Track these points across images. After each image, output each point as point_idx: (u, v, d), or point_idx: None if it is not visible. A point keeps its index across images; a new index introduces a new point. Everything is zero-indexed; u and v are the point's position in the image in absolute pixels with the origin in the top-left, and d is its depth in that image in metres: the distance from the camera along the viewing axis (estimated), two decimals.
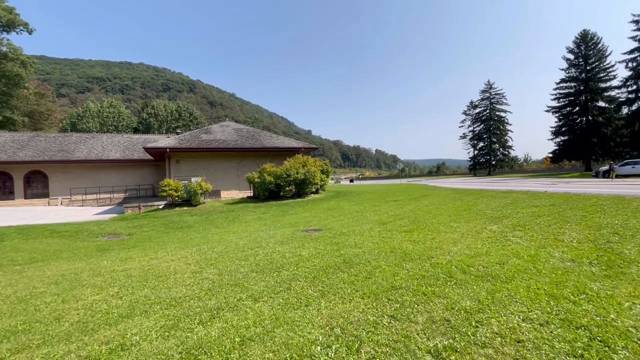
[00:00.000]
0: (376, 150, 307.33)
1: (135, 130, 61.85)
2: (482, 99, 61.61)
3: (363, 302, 3.40)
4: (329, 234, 7.60)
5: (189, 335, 2.91)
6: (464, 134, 65.22)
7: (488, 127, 60.35)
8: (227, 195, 21.39)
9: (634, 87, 36.27)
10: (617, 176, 23.35)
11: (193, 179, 18.37)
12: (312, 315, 3.17)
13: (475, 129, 62.99)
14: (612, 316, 2.70)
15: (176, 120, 69.00)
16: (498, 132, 59.87)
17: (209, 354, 2.58)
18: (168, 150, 19.44)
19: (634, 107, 36.87)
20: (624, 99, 38.19)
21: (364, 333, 2.76)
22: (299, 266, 4.96)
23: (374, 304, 3.33)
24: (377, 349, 2.52)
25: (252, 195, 20.46)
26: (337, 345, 2.59)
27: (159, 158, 23.69)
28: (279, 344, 2.66)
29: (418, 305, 3.23)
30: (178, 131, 33.37)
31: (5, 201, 23.35)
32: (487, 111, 60.77)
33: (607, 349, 2.29)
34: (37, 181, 24.52)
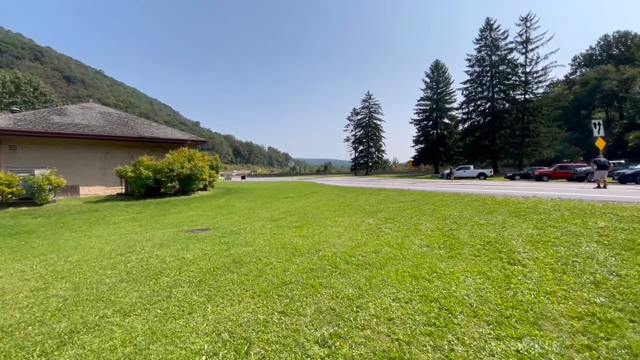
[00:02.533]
0: (269, 148, 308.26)
1: None
2: (363, 107, 69.41)
3: (253, 302, 3.33)
4: (217, 233, 7.17)
5: None
6: (347, 137, 72.08)
7: (367, 132, 68.45)
8: (89, 192, 17.69)
9: (466, 109, 47.37)
10: (455, 178, 30.17)
11: (37, 172, 14.41)
12: (197, 323, 2.91)
13: (356, 134, 70.42)
14: (453, 288, 3.42)
15: (11, 94, 53.03)
16: (375, 137, 68.65)
17: None
18: None
19: (466, 125, 48.12)
20: (460, 119, 49.49)
21: (254, 333, 2.70)
22: (182, 270, 4.50)
23: (265, 302, 3.30)
24: (267, 347, 2.50)
25: (123, 192, 17.50)
26: (225, 351, 2.45)
27: None
28: None
29: (307, 298, 3.37)
30: (14, 109, 25.51)
31: None
32: (367, 118, 68.82)
33: (450, 315, 2.87)
34: None
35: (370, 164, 68.97)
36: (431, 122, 54.40)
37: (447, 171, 32.42)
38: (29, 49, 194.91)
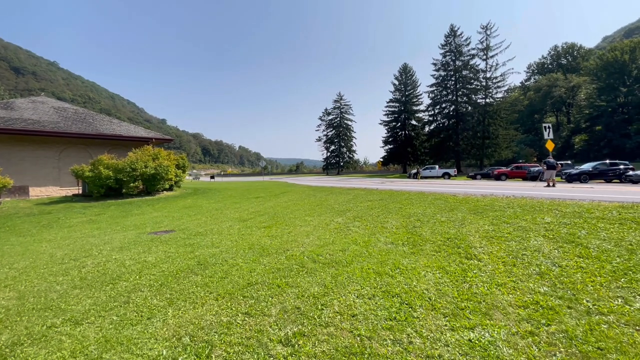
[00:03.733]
0: (240, 147, 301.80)
1: None
2: (335, 108, 70.05)
3: (217, 304, 3.26)
4: (182, 235, 6.93)
5: None
6: (319, 137, 72.46)
7: (338, 132, 69.19)
8: (40, 193, 16.36)
9: (432, 112, 49.36)
10: (422, 177, 31.38)
11: None
12: (156, 328, 2.81)
13: (328, 134, 70.98)
14: (414, 283, 3.56)
15: None
16: (346, 137, 69.56)
17: None
18: None
19: (432, 127, 50.14)
20: (426, 120, 51.48)
21: (216, 336, 2.65)
22: (143, 274, 4.31)
23: (229, 304, 3.25)
24: (229, 349, 2.46)
25: (80, 192, 16.39)
26: (185, 356, 2.39)
27: None
28: None
29: (272, 297, 3.36)
30: None
31: None
32: (338, 119, 69.54)
33: (410, 309, 3.00)
34: None
35: (342, 163, 69.79)
36: (399, 124, 56.03)
37: (414, 171, 33.68)
38: None
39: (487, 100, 42.82)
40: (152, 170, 15.66)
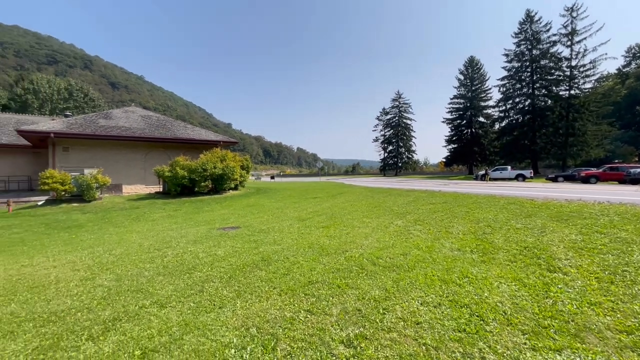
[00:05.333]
0: (298, 148, 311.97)
1: (5, 108, 49.68)
2: (393, 107, 68.11)
3: (280, 299, 3.40)
4: (247, 232, 7.38)
5: (74, 355, 2.47)
6: (376, 137, 71.07)
7: (397, 132, 67.10)
8: (130, 190, 18.91)
9: (503, 107, 44.93)
10: (490, 179, 28.74)
11: (86, 171, 15.66)
12: (227, 317, 3.02)
13: (386, 134, 69.26)
14: (485, 294, 3.27)
15: (65, 100, 58.05)
16: (405, 137, 67.12)
17: None
18: (52, 135, 16.15)
19: (503, 124, 45.67)
20: (496, 117, 47.03)
21: (280, 330, 2.76)
22: (214, 266, 4.69)
23: (291, 300, 3.36)
24: (292, 344, 2.54)
25: (161, 190, 18.53)
26: (253, 346, 2.53)
27: (40, 144, 19.56)
28: (188, 352, 2.46)
29: (333, 297, 3.38)
30: (68, 113, 27.96)
31: None
32: (397, 118, 67.45)
33: (482, 322, 2.76)
34: None
35: (400, 164, 67.56)
36: (465, 121, 52.18)
37: (482, 172, 30.94)
38: (80, 58, 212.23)
39: (572, 91, 37.57)
40: (220, 171, 17.01)
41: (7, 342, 2.71)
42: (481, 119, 51.27)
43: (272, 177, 67.59)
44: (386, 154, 69.17)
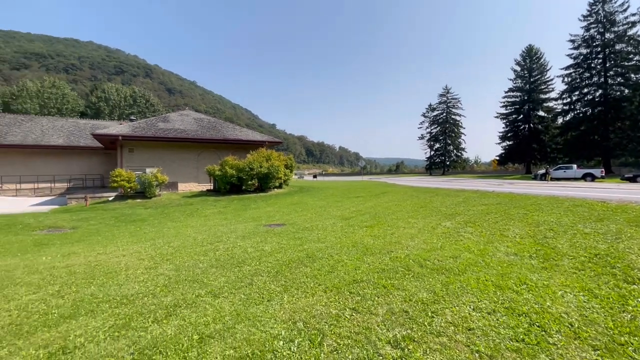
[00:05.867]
0: (340, 147, 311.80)
1: (83, 115, 56.54)
2: (440, 103, 64.98)
3: (326, 296, 3.44)
4: (292, 229, 7.57)
5: (142, 335, 2.74)
6: (422, 135, 68.35)
7: (444, 129, 63.93)
8: (185, 187, 20.41)
9: (568, 99, 40.54)
10: (552, 179, 26.11)
11: (148, 170, 17.24)
12: (275, 310, 3.14)
13: (432, 131, 66.32)
14: (547, 304, 3.00)
15: (130, 106, 64.32)
16: (453, 134, 63.69)
17: (164, 353, 2.45)
18: (120, 138, 18.04)
19: (567, 118, 41.25)
20: (559, 110, 42.62)
21: (327, 326, 2.79)
22: (262, 261, 4.89)
23: (337, 298, 3.38)
24: (339, 341, 2.56)
25: (212, 188, 19.73)
26: (300, 339, 2.60)
27: (110, 146, 21.92)
28: (240, 340, 2.60)
29: (378, 297, 3.34)
30: (132, 118, 31.09)
31: None
32: (444, 114, 64.26)
33: (544, 333, 2.54)
34: None
35: (448, 163, 64.33)
36: (522, 116, 47.97)
37: (542, 171, 28.24)
38: (142, 67, 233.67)
39: None
40: (265, 170, 17.64)
41: (89, 319, 3.09)
42: (541, 112, 46.74)
43: (315, 176, 68.45)
44: (432, 152, 66.30)
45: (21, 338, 2.78)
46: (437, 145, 65.53)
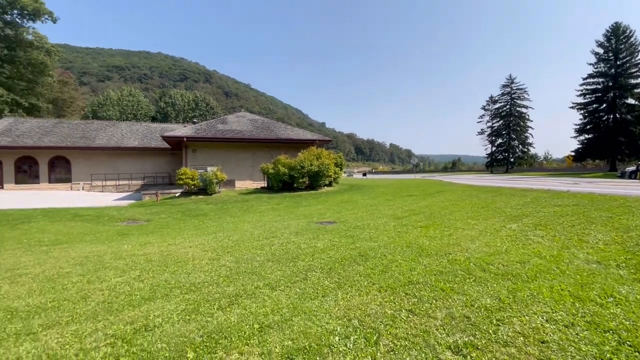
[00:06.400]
0: (390, 145, 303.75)
1: (153, 119, 63.10)
2: (503, 94, 59.64)
3: (380, 296, 3.39)
4: (343, 227, 7.60)
5: (209, 320, 2.98)
6: (482, 129, 63.45)
7: (507, 123, 58.52)
8: (241, 185, 21.64)
9: None
10: None
11: (209, 168, 18.65)
12: (330, 306, 3.18)
13: (494, 125, 61.19)
14: None
15: (193, 109, 69.97)
16: (518, 128, 58.02)
17: (229, 338, 2.63)
18: (185, 139, 19.76)
19: None
20: None
21: (382, 326, 2.76)
22: (315, 257, 4.98)
23: (391, 298, 3.32)
24: (395, 342, 2.51)
25: (265, 186, 20.64)
26: (356, 337, 2.60)
27: (176, 147, 24.13)
28: (297, 333, 2.69)
29: (436, 300, 3.20)
30: (195, 120, 33.88)
31: (31, 185, 24.35)
32: (508, 107, 58.86)
33: (637, 354, 2.21)
34: (60, 166, 25.42)
35: (512, 159, 58.81)
36: (605, 105, 41.71)
37: (632, 168, 24.26)
38: (202, 73, 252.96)
39: None
40: (316, 168, 17.93)
41: (164, 302, 3.46)
42: (630, 100, 40.07)
43: (364, 174, 67.71)
44: (494, 148, 61.12)
45: (112, 314, 3.20)
46: (500, 141, 60.26)
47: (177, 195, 18.25)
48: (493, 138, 61.13)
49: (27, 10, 36.90)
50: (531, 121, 57.96)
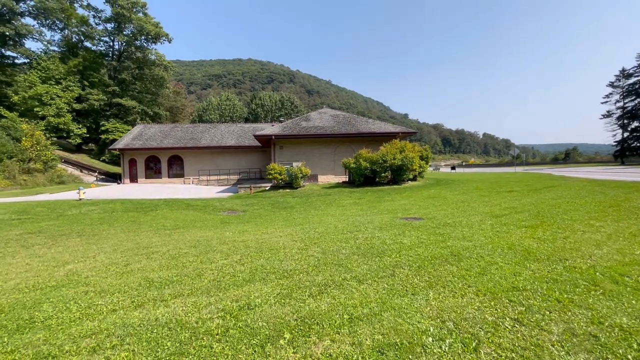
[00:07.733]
0: (484, 134, 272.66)
1: (246, 120, 69.91)
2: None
3: (478, 300, 3.10)
4: (431, 224, 7.17)
5: (302, 306, 3.17)
6: (608, 111, 52.07)
7: None
8: (323, 179, 22.34)
9: None
10: None
11: (294, 164, 19.78)
12: (420, 305, 3.05)
13: (626, 105, 49.53)
14: None
15: (279, 109, 74.98)
16: None
17: (321, 325, 2.76)
18: (273, 137, 21.32)
19: None
20: None
21: (482, 332, 2.52)
22: (401, 254, 4.84)
23: (492, 304, 3.00)
24: (499, 352, 2.27)
25: (347, 180, 20.86)
26: (451, 340, 2.44)
27: (266, 144, 26.23)
28: (387, 328, 2.65)
29: (550, 312, 2.77)
30: (281, 119, 36.34)
31: (155, 179, 29.70)
32: None
33: None
34: (176, 164, 30.30)
35: None
36: None
37: None
38: (287, 74, 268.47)
39: None
40: (399, 162, 17.32)
41: (262, 285, 3.82)
42: None
43: (453, 168, 62.48)
44: (626, 134, 49.55)
45: (221, 291, 3.68)
46: (635, 124, 48.51)
47: (267, 188, 19.89)
48: (625, 121, 49.58)
49: (151, 34, 44.68)
50: None
